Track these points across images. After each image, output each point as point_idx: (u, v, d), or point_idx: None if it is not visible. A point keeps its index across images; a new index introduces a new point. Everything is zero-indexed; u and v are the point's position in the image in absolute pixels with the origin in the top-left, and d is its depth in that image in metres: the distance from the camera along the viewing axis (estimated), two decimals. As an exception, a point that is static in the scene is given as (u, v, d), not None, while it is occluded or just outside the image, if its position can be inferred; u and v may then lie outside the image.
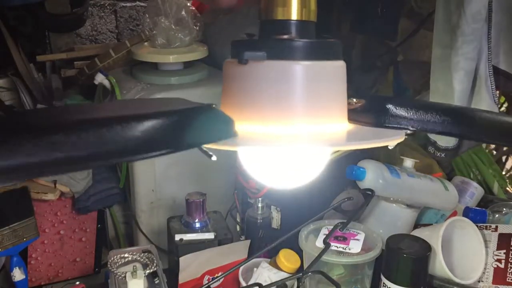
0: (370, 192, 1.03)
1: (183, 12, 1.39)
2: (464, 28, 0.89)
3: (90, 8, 1.92)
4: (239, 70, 0.45)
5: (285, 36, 0.46)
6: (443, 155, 1.01)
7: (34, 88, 1.61)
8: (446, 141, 1.00)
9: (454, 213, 1.19)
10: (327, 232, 1.01)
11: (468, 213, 1.12)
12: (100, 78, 1.37)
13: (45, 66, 1.69)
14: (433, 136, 1.03)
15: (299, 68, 0.44)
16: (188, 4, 1.44)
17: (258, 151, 0.50)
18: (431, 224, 1.18)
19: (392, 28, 1.13)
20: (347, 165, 1.07)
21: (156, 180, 1.35)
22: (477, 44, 0.90)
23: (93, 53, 1.59)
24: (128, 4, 2.01)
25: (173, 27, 1.38)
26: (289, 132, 0.45)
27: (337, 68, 0.48)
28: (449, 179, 1.26)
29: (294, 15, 0.46)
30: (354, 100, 0.50)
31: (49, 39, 1.78)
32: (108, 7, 1.99)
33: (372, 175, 1.04)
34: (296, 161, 0.50)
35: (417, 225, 1.16)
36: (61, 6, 1.72)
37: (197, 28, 1.41)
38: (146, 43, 1.44)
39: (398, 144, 0.50)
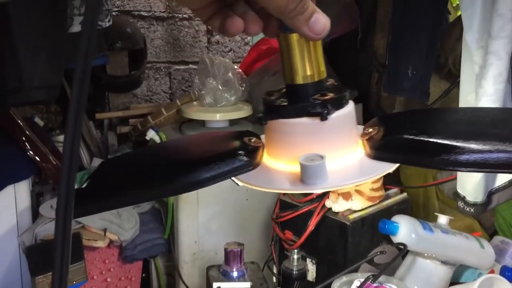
0: (402, 247, 1.05)
1: (230, 74, 1.49)
2: (486, 88, 0.93)
3: (147, 70, 2.06)
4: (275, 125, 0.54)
5: (305, 103, 0.52)
6: (472, 210, 1.02)
7: (92, 143, 1.73)
8: (474, 196, 1.02)
9: (492, 273, 1.18)
10: (359, 285, 1.03)
11: (505, 272, 1.11)
12: (151, 134, 1.47)
13: (103, 122, 1.81)
14: (461, 191, 1.05)
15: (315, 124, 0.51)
16: (236, 67, 1.54)
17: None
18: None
19: (423, 89, 1.18)
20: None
21: (199, 232, 1.40)
22: (500, 103, 0.94)
23: (147, 112, 1.70)
24: (182, 67, 2.14)
25: (220, 87, 1.48)
26: None
27: (346, 114, 0.52)
28: (491, 240, 1.25)
29: (311, 79, 0.52)
30: (370, 129, 0.54)
31: (108, 99, 1.90)
32: (163, 69, 2.13)
33: (405, 230, 1.06)
34: None
35: (453, 283, 1.16)
36: (120, 69, 1.86)
37: (243, 88, 1.50)
38: (195, 102, 1.54)
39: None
